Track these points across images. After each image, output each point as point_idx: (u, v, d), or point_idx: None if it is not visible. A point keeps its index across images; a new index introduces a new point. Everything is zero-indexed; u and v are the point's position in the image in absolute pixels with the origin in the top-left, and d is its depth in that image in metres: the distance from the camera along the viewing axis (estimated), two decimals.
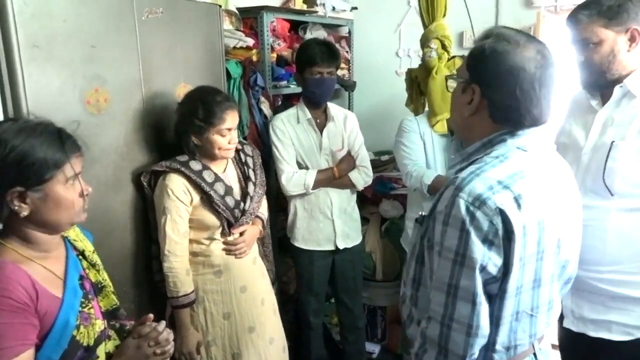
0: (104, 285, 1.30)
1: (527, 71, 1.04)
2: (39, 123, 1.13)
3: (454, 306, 1.03)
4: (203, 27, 2.08)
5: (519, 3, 2.86)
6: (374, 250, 2.97)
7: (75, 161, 1.15)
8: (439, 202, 1.08)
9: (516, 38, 1.08)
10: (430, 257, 1.10)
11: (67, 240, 1.26)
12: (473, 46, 1.13)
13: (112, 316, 1.29)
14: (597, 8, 1.45)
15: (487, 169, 1.05)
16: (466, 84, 1.12)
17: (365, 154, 2.41)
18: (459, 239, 1.01)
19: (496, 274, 1.03)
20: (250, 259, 2.02)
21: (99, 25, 1.64)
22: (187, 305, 1.83)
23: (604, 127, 1.52)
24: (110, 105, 1.70)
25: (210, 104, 1.80)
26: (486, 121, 1.11)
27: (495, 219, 1.00)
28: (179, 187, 1.80)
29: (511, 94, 1.05)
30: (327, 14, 2.95)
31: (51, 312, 1.09)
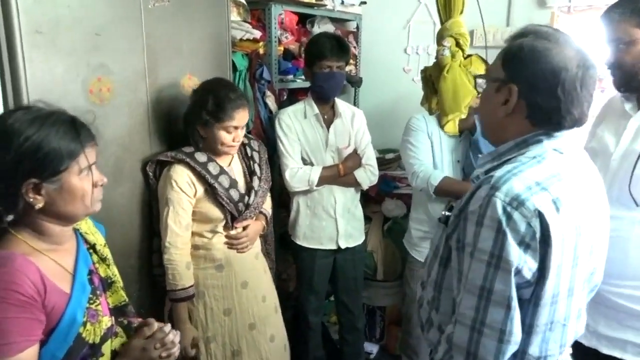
0: (113, 280, 1.27)
1: (569, 71, 1.00)
2: (52, 112, 1.10)
3: (486, 310, 0.99)
4: (210, 17, 2.03)
5: (531, 3, 2.80)
6: (376, 250, 2.94)
7: (90, 151, 1.12)
8: (470, 201, 1.04)
9: (556, 36, 1.04)
10: (460, 259, 1.06)
11: (78, 233, 1.24)
12: (507, 44, 1.09)
13: (121, 312, 1.27)
14: (632, 6, 1.40)
15: (524, 169, 1.01)
16: (501, 84, 1.07)
17: (371, 153, 2.37)
18: (495, 240, 0.97)
19: (530, 279, 0.98)
20: (253, 255, 1.99)
21: (104, 13, 1.60)
22: (186, 300, 1.80)
23: (636, 133, 1.46)
24: (114, 95, 1.66)
25: (222, 99, 1.76)
26: (522, 122, 1.07)
27: (534, 221, 0.96)
28: (183, 179, 1.77)
29: (553, 94, 1.01)
30: (335, 7, 2.90)
31: (58, 307, 1.06)
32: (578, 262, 1.03)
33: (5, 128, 1.04)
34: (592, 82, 1.04)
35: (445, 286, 1.13)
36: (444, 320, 1.13)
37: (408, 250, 2.44)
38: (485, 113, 1.16)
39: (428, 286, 1.19)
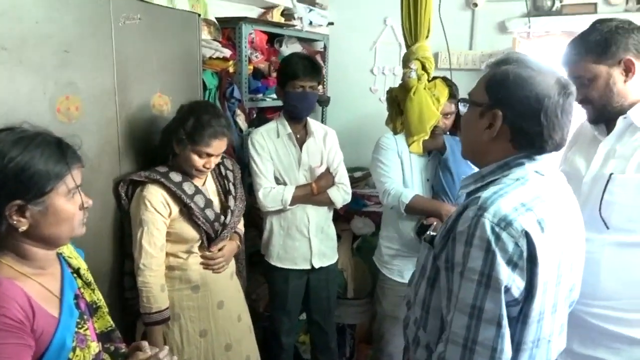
0: (99, 305, 1.24)
1: (551, 98, 1.05)
2: (38, 133, 1.08)
3: (477, 329, 1.01)
4: (181, 35, 2.01)
5: (493, 28, 2.91)
6: (346, 268, 2.93)
7: (76, 173, 1.10)
8: (458, 222, 1.06)
9: (538, 64, 1.08)
10: (449, 278, 1.08)
11: (62, 257, 1.20)
12: (491, 70, 1.13)
13: (107, 338, 1.24)
14: (585, 45, 1.44)
15: (510, 191, 1.04)
16: (485, 109, 1.11)
17: (344, 172, 2.38)
18: (484, 260, 0.99)
19: (518, 297, 1.01)
20: (228, 274, 1.97)
21: (73, 30, 1.56)
22: (161, 323, 1.75)
23: (605, 158, 1.49)
24: (82, 114, 1.61)
25: (202, 124, 1.73)
26: (505, 145, 1.10)
27: (521, 241, 0.99)
28: (157, 199, 1.73)
29: (536, 120, 1.05)
30: (304, 28, 2.93)
31: (47, 332, 1.02)
32: (561, 280, 1.07)
33: None
34: (571, 108, 1.09)
35: (433, 305, 1.14)
36: (432, 339, 1.14)
37: (379, 268, 2.46)
38: (468, 136, 1.19)
39: (415, 306, 1.20)
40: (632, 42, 1.41)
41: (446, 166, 2.21)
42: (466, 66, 2.95)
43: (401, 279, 2.35)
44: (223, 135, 1.78)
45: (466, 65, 2.95)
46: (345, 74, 3.34)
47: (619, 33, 1.41)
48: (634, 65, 1.42)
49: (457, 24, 2.90)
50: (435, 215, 2.18)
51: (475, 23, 2.95)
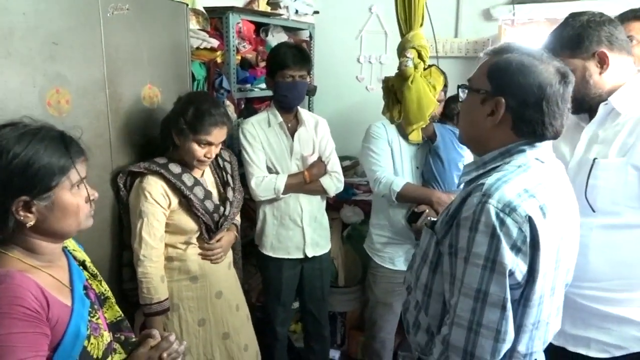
0: (107, 296, 1.25)
1: (553, 86, 1.07)
2: (40, 127, 1.07)
3: (482, 312, 1.03)
4: (169, 26, 1.98)
5: (478, 16, 2.93)
6: (336, 256, 2.95)
7: (80, 165, 1.10)
8: (462, 208, 1.07)
9: (539, 53, 1.10)
10: (452, 263, 1.09)
11: (67, 251, 1.21)
12: (493, 58, 1.13)
13: (117, 328, 1.25)
14: (559, 41, 1.46)
15: (513, 177, 1.06)
16: (488, 96, 1.12)
17: (336, 160, 2.38)
18: (489, 245, 1.01)
19: (520, 281, 1.04)
20: (226, 265, 1.98)
21: (61, 21, 1.53)
22: (161, 313, 1.75)
23: (589, 144, 1.52)
24: (73, 107, 1.59)
25: (203, 112, 1.73)
26: (507, 132, 1.12)
27: (525, 226, 1.01)
28: (157, 190, 1.73)
29: (539, 107, 1.07)
30: (290, 17, 2.91)
31: (62, 320, 1.03)
32: (559, 265, 1.10)
33: None
34: (569, 97, 1.12)
35: (435, 290, 1.17)
36: (433, 322, 1.17)
37: (370, 256, 2.48)
38: (469, 123, 1.20)
39: (417, 290, 1.21)
40: (604, 35, 1.43)
41: (437, 154, 2.23)
42: (452, 54, 2.97)
43: (392, 266, 2.38)
44: (223, 124, 1.78)
45: (452, 52, 2.97)
46: (331, 63, 3.33)
47: (590, 27, 1.43)
48: (607, 57, 1.44)
49: (442, 11, 2.92)
50: (426, 203, 2.20)
51: (460, 11, 2.96)
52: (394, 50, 3.12)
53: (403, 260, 2.36)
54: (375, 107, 2.62)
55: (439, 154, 2.22)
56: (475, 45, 2.93)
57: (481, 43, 2.91)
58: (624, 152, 1.43)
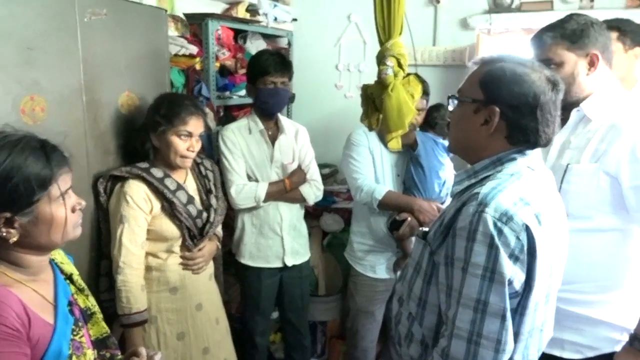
0: (93, 311, 1.20)
1: (546, 95, 1.08)
2: (20, 138, 1.01)
3: (482, 322, 1.02)
4: (148, 32, 1.94)
5: (455, 24, 2.97)
6: (316, 265, 2.93)
7: (64, 176, 1.05)
8: (457, 218, 1.07)
9: (529, 62, 1.11)
10: (449, 274, 1.09)
11: (54, 263, 1.16)
12: (482, 68, 1.14)
13: (102, 345, 1.20)
14: (561, 31, 1.50)
15: (507, 186, 1.06)
16: (481, 105, 1.12)
17: (316, 169, 2.37)
18: (487, 255, 1.01)
19: (519, 290, 1.04)
20: (207, 276, 1.93)
21: (37, 26, 1.48)
22: (140, 324, 1.69)
23: (561, 149, 1.56)
24: (48, 115, 1.53)
25: (176, 104, 1.73)
26: (500, 141, 1.12)
27: (522, 234, 1.01)
28: (139, 195, 1.69)
29: (533, 116, 1.08)
30: (269, 24, 2.89)
31: (43, 340, 0.99)
32: (553, 272, 1.10)
33: None
34: (560, 104, 1.13)
35: (430, 301, 1.15)
36: (428, 334, 1.16)
37: (351, 264, 2.47)
38: (461, 133, 1.20)
39: (411, 302, 1.20)
40: (601, 40, 1.49)
41: (418, 161, 2.24)
42: (430, 62, 3.00)
43: (374, 274, 2.37)
44: (198, 114, 1.78)
45: (430, 61, 3.00)
46: (310, 70, 3.32)
47: (593, 28, 1.48)
48: (598, 61, 1.49)
49: (420, 20, 2.95)
50: (408, 211, 2.21)
51: (438, 19, 2.99)
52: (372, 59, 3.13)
53: (384, 268, 2.36)
54: (354, 114, 2.63)
55: (420, 161, 2.23)
56: (453, 54, 2.97)
57: (459, 52, 2.95)
58: (597, 158, 1.47)
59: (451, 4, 2.96)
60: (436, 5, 2.97)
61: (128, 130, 1.86)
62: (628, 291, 1.54)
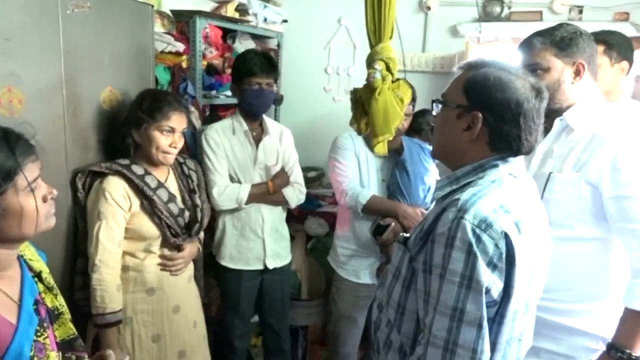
0: (61, 312, 1.16)
1: (530, 102, 1.07)
2: None
3: (458, 331, 1.00)
4: (133, 27, 1.91)
5: (445, 32, 2.98)
6: (299, 269, 2.90)
7: (31, 166, 1.01)
8: (436, 224, 1.05)
9: (514, 68, 1.10)
10: (426, 280, 1.07)
11: (22, 260, 1.11)
12: (466, 73, 1.13)
13: (69, 347, 1.15)
14: (551, 37, 1.51)
15: (488, 192, 1.05)
16: (464, 111, 1.11)
17: (299, 172, 2.35)
18: (465, 262, 0.99)
19: (496, 298, 1.02)
20: (186, 278, 1.89)
21: (16, 16, 1.44)
22: (115, 325, 1.65)
23: (543, 158, 1.57)
24: (26, 108, 1.49)
25: (158, 99, 1.72)
26: (482, 147, 1.11)
27: (501, 242, 1.00)
28: (118, 191, 1.65)
29: (516, 123, 1.07)
30: (259, 24, 2.87)
31: (3, 340, 0.96)
32: (533, 281, 1.09)
33: None
34: (543, 112, 1.12)
35: (409, 308, 1.14)
36: (406, 341, 1.14)
37: (334, 269, 2.44)
38: (444, 138, 1.18)
39: (390, 308, 1.18)
40: (588, 50, 1.50)
41: (403, 167, 2.23)
42: (419, 68, 3.00)
43: (357, 279, 2.35)
44: (181, 110, 1.76)
45: (419, 67, 3.00)
46: (299, 72, 3.31)
47: (582, 38, 1.50)
48: (584, 70, 1.50)
49: (410, 26, 2.95)
50: (392, 216, 2.19)
51: (428, 26, 3.01)
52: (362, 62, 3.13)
53: (368, 273, 2.34)
54: (342, 118, 2.61)
55: (405, 167, 2.22)
56: (442, 61, 2.97)
57: (448, 59, 2.95)
58: (579, 168, 1.47)
59: (441, 11, 2.97)
60: (427, 12, 2.97)
61: (109, 126, 1.82)
62: (607, 301, 1.54)
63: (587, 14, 2.73)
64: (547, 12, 2.78)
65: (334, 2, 3.16)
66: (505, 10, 2.82)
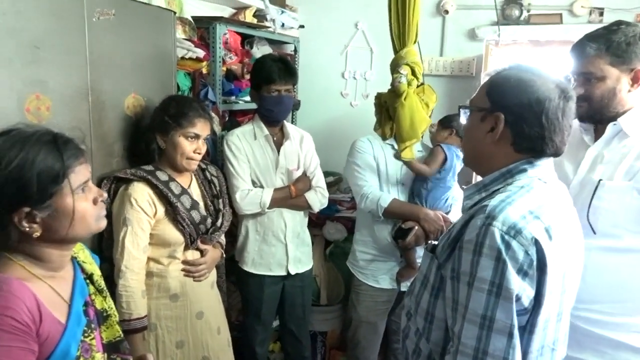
0: (109, 314, 1.19)
1: (552, 100, 1.06)
2: (33, 133, 1.01)
3: (488, 339, 0.99)
4: (156, 33, 1.92)
5: (463, 35, 2.97)
6: (318, 274, 2.89)
7: (80, 168, 1.04)
8: (464, 231, 1.04)
9: (537, 70, 1.09)
10: (455, 288, 1.05)
11: (75, 262, 1.16)
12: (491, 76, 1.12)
13: (114, 349, 1.18)
14: (606, 43, 1.42)
15: (517, 198, 1.03)
16: (487, 113, 1.11)
17: (321, 176, 2.34)
18: (494, 269, 0.98)
19: (527, 306, 1.00)
20: (209, 284, 1.90)
21: (44, 24, 1.46)
22: (140, 330, 1.65)
23: (593, 163, 1.51)
24: (53, 114, 1.51)
25: (185, 105, 1.74)
26: (507, 150, 1.10)
27: (531, 249, 0.98)
28: (143, 197, 1.66)
29: (538, 122, 1.06)
30: (276, 30, 2.88)
31: (52, 338, 0.99)
32: (566, 289, 1.07)
33: None
34: (571, 113, 1.10)
35: (437, 316, 1.12)
36: (435, 349, 1.12)
37: (353, 273, 2.43)
38: (471, 142, 1.18)
39: (418, 316, 1.17)
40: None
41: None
42: (437, 72, 2.99)
43: (376, 284, 2.34)
44: (206, 117, 1.78)
45: (437, 71, 2.99)
46: (315, 77, 3.31)
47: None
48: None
49: (428, 30, 2.93)
50: (414, 219, 2.18)
51: (445, 30, 2.99)
52: (379, 67, 3.15)
53: (387, 278, 2.32)
54: (359, 123, 2.61)
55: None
56: (460, 65, 2.95)
57: (466, 62, 2.93)
58: (631, 176, 1.42)
59: (459, 15, 2.95)
60: (444, 15, 2.96)
61: (133, 132, 1.83)
62: None
63: (607, 16, 2.70)
64: (567, 15, 2.74)
65: (351, 6, 3.17)
66: (524, 13, 2.79)
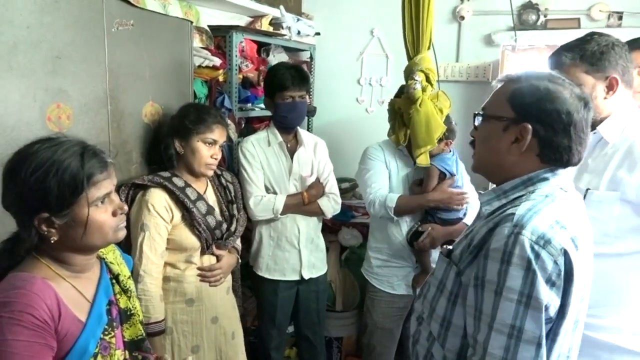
0: (132, 313, 1.24)
1: (579, 112, 1.05)
2: (64, 142, 1.06)
3: (516, 349, 0.98)
4: (173, 43, 1.97)
5: (479, 41, 2.96)
6: (334, 280, 2.90)
7: (103, 181, 1.08)
8: (490, 239, 1.03)
9: (560, 79, 1.08)
10: (479, 296, 1.04)
11: (103, 262, 1.21)
12: (510, 85, 1.11)
13: (136, 347, 1.23)
14: (580, 52, 1.45)
15: (542, 208, 1.03)
16: (510, 123, 1.09)
17: (334, 182, 2.35)
18: (524, 279, 0.97)
19: (553, 316, 1.00)
20: (224, 289, 1.93)
21: (65, 35, 1.51)
22: (158, 334, 1.69)
23: (579, 172, 1.52)
24: (73, 123, 1.56)
25: (204, 112, 1.80)
26: (532, 160, 1.09)
27: (560, 259, 0.98)
28: (161, 203, 1.71)
29: (567, 133, 1.05)
30: (292, 37, 2.91)
31: (71, 334, 1.04)
32: (584, 297, 1.06)
33: (17, 159, 1.03)
34: (590, 123, 1.10)
35: (455, 322, 1.11)
36: (450, 356, 1.12)
37: (368, 279, 2.43)
38: (487, 151, 1.16)
39: (433, 321, 1.16)
40: (621, 62, 1.44)
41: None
42: (453, 78, 2.98)
43: (392, 290, 2.33)
44: (223, 124, 1.84)
45: (453, 77, 2.98)
46: (331, 84, 3.33)
47: (614, 50, 1.44)
48: (617, 85, 1.45)
49: (444, 36, 2.94)
50: (423, 206, 2.18)
51: (461, 35, 2.99)
52: (394, 73, 3.15)
53: (403, 284, 2.32)
54: (375, 129, 2.61)
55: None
56: (477, 70, 2.94)
57: (482, 68, 2.92)
58: (615, 186, 1.44)
59: (475, 21, 2.95)
60: (460, 21, 2.96)
61: (151, 140, 1.88)
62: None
63: (626, 20, 2.67)
64: (585, 19, 2.72)
65: (366, 13, 3.18)
66: (541, 18, 2.77)
